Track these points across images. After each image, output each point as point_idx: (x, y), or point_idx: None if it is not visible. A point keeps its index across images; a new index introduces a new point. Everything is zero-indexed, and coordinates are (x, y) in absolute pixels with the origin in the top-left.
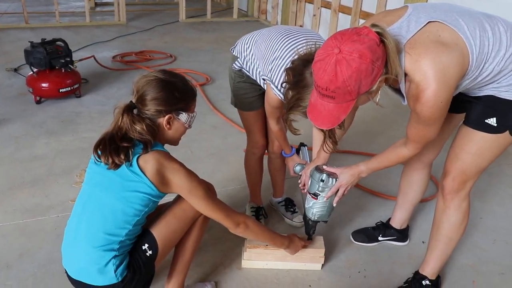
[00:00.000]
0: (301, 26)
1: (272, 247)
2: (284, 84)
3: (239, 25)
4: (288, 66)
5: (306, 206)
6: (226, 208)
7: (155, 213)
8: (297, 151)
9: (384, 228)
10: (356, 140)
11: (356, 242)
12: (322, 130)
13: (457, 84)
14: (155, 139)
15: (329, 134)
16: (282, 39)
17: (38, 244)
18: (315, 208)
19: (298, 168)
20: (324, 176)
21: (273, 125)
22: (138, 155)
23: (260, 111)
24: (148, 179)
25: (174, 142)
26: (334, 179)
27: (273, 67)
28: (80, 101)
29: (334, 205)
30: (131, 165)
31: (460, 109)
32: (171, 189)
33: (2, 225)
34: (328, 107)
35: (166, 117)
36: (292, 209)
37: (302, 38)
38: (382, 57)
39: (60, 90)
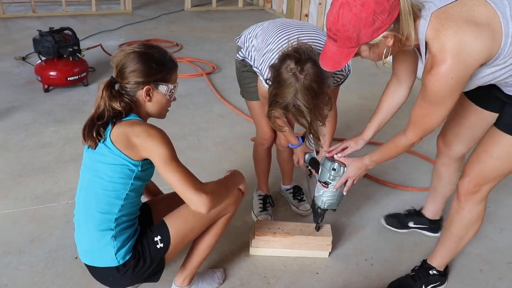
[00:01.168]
0: (306, 15)
1: (280, 234)
2: (268, 81)
3: (245, 13)
4: (272, 63)
5: (315, 194)
6: (190, 180)
7: (177, 202)
8: (302, 139)
9: (417, 216)
10: (360, 129)
11: (387, 226)
12: (304, 127)
13: (476, 66)
14: (131, 112)
15: (310, 130)
16: (276, 33)
17: (48, 230)
18: (325, 196)
19: (306, 156)
20: (335, 165)
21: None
22: (110, 130)
23: None
24: (118, 149)
25: (159, 115)
26: (345, 168)
27: (263, 60)
28: (88, 89)
29: (344, 193)
30: (105, 140)
31: (493, 107)
32: (138, 151)
33: (14, 211)
34: (332, 49)
35: (145, 88)
36: (299, 197)
37: (295, 33)
38: (390, 12)
39: (68, 79)
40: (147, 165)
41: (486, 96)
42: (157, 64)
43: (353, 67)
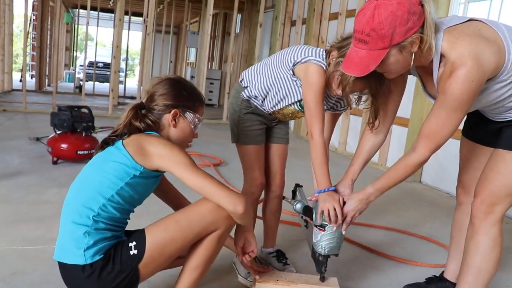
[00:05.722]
0: None
1: (283, 282)
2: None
3: None
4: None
5: (314, 241)
6: (219, 182)
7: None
8: (293, 193)
9: (439, 281)
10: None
11: None
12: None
13: (490, 73)
14: (153, 131)
15: (377, 97)
16: (293, 50)
17: (34, 267)
18: (323, 241)
19: (298, 206)
20: None
21: (318, 134)
22: (123, 138)
23: (262, 146)
24: (127, 151)
25: (181, 144)
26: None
27: (302, 51)
28: None
29: (343, 232)
30: (114, 144)
31: (494, 143)
32: (152, 160)
33: (0, 248)
34: (361, 53)
35: (172, 111)
36: (284, 261)
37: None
38: (420, 15)
39: (78, 152)
40: (147, 176)
41: (484, 135)
42: (187, 92)
43: None
